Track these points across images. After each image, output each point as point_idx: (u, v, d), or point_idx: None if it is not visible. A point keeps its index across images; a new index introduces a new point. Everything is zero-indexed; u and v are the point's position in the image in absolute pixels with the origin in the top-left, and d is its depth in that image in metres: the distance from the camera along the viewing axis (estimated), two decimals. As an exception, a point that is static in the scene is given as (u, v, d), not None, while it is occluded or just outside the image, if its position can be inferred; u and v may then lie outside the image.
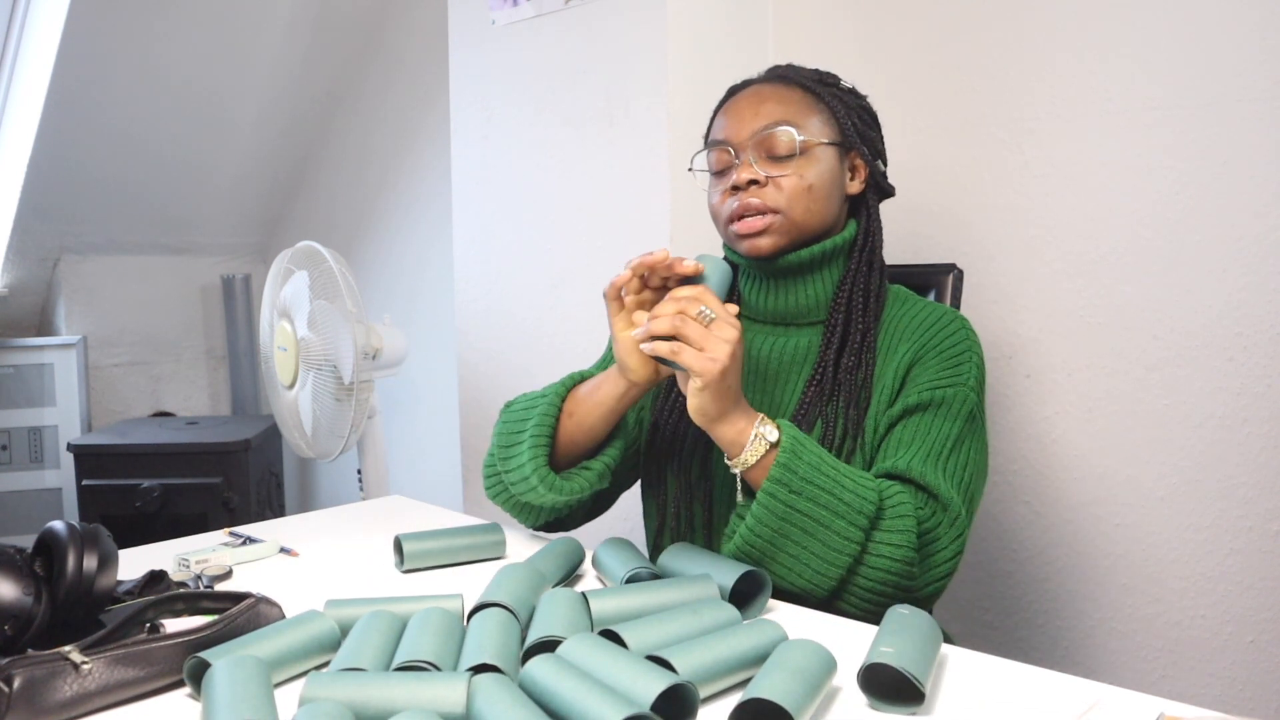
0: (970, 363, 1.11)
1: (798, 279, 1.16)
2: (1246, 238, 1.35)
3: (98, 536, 0.85)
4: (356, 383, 1.95)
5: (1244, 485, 1.37)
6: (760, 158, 1.13)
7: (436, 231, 2.68)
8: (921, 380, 1.10)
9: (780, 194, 1.12)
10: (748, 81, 1.22)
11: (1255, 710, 1.37)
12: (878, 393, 1.11)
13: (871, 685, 0.77)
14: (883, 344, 1.14)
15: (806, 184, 1.12)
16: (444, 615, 0.85)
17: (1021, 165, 1.55)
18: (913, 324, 1.14)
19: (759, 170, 1.13)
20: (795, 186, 1.12)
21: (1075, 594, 1.53)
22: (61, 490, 2.88)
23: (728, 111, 1.18)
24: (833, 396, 1.11)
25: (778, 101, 1.15)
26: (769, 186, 1.13)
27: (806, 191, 1.12)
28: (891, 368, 1.12)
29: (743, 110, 1.16)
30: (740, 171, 1.13)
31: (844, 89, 1.19)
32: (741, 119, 1.15)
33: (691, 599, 0.90)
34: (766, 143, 1.13)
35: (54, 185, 2.75)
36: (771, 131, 1.13)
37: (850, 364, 1.11)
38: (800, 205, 1.12)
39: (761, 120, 1.14)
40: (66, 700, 0.74)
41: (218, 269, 3.26)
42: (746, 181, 1.13)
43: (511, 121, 1.98)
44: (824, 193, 1.14)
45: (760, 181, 1.13)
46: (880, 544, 0.97)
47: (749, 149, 1.14)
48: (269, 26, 2.76)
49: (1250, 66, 1.33)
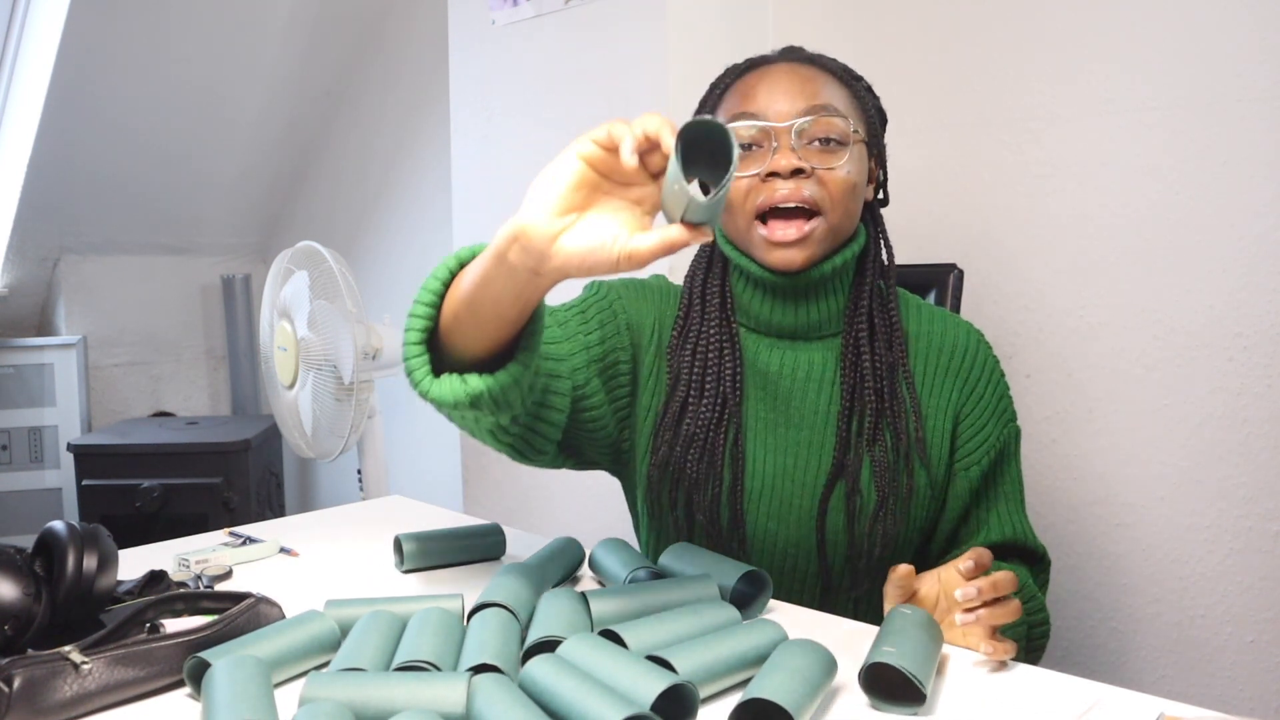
0: (1007, 393, 1.12)
1: (815, 293, 1.06)
2: (1246, 238, 1.35)
3: (98, 536, 0.85)
4: (356, 383, 1.95)
5: (1244, 485, 1.37)
6: (802, 144, 0.99)
7: (436, 231, 2.68)
8: (982, 435, 1.09)
9: (825, 191, 0.99)
10: (773, 58, 1.06)
11: (1255, 710, 1.37)
12: (928, 428, 1.07)
13: (873, 685, 0.77)
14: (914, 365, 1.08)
15: (853, 181, 1.00)
16: (444, 615, 0.85)
17: (1021, 165, 1.55)
18: (935, 346, 1.10)
19: (803, 158, 0.98)
20: (843, 182, 0.99)
21: (1075, 594, 1.53)
22: (61, 490, 2.88)
23: (759, 85, 1.02)
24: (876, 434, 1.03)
25: (826, 81, 1.01)
26: (813, 179, 0.98)
27: (851, 191, 1.00)
28: (937, 403, 1.08)
29: (781, 85, 1.00)
30: (779, 156, 0.97)
31: (867, 86, 1.09)
32: (785, 94, 0.99)
33: (691, 599, 0.90)
34: (817, 127, 0.98)
35: (54, 185, 2.75)
36: (825, 116, 0.98)
37: (886, 390, 1.04)
38: (842, 207, 1.00)
39: (810, 99, 0.98)
40: (66, 700, 0.74)
41: (218, 269, 3.26)
42: (791, 170, 0.97)
43: (511, 121, 1.98)
44: (859, 195, 1.03)
45: (806, 171, 0.98)
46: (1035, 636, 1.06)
47: (789, 132, 0.98)
48: (269, 26, 2.76)
49: (1250, 66, 1.33)
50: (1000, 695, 0.79)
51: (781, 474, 1.06)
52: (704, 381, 1.06)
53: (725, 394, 1.05)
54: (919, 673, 0.74)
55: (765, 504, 1.06)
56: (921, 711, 0.76)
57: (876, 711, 0.76)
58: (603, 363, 1.06)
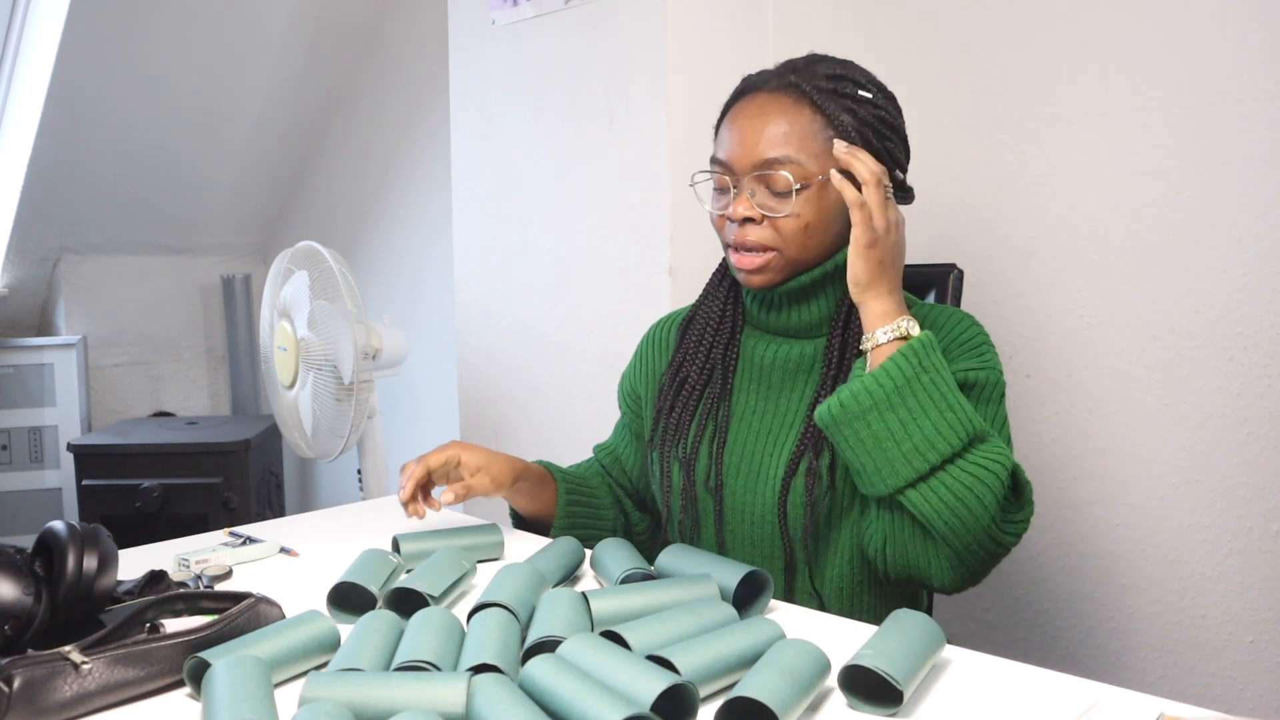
0: (990, 350, 1.12)
1: (801, 299, 1.15)
2: (1246, 238, 1.35)
3: (98, 536, 0.85)
4: (356, 383, 1.95)
5: (1244, 485, 1.37)
6: (759, 189, 1.10)
7: (436, 231, 2.68)
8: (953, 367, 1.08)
9: (775, 234, 1.10)
10: (759, 82, 1.14)
11: (1255, 710, 1.37)
12: None
13: (855, 687, 0.77)
14: None
15: (803, 224, 1.09)
16: (444, 615, 0.85)
17: (1021, 165, 1.55)
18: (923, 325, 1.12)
19: (755, 205, 1.10)
20: (792, 228, 1.09)
21: (1075, 594, 1.53)
22: (61, 490, 2.88)
23: (732, 123, 1.13)
24: None
25: (782, 126, 1.09)
26: (764, 224, 1.10)
27: (803, 230, 1.09)
28: None
29: (745, 131, 1.10)
30: (737, 205, 1.10)
31: (861, 99, 1.11)
32: (744, 142, 1.10)
33: (691, 599, 0.90)
34: (764, 181, 1.09)
35: (54, 185, 2.75)
36: (769, 172, 1.08)
37: None
38: (797, 244, 1.10)
39: (761, 151, 1.09)
40: (66, 700, 0.74)
41: (218, 269, 3.26)
42: (742, 219, 1.10)
43: (511, 121, 1.98)
44: (823, 227, 1.10)
45: (755, 220, 1.10)
46: (978, 455, 0.99)
47: (747, 178, 1.10)
48: (269, 27, 2.76)
49: (1250, 66, 1.33)
50: (1000, 695, 0.79)
51: (757, 450, 1.15)
52: (698, 351, 1.20)
53: (715, 364, 1.19)
54: (895, 671, 0.74)
55: (741, 476, 1.15)
56: (922, 711, 0.76)
57: (874, 713, 0.76)
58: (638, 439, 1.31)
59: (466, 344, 2.13)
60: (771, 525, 1.12)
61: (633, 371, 1.32)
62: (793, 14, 1.81)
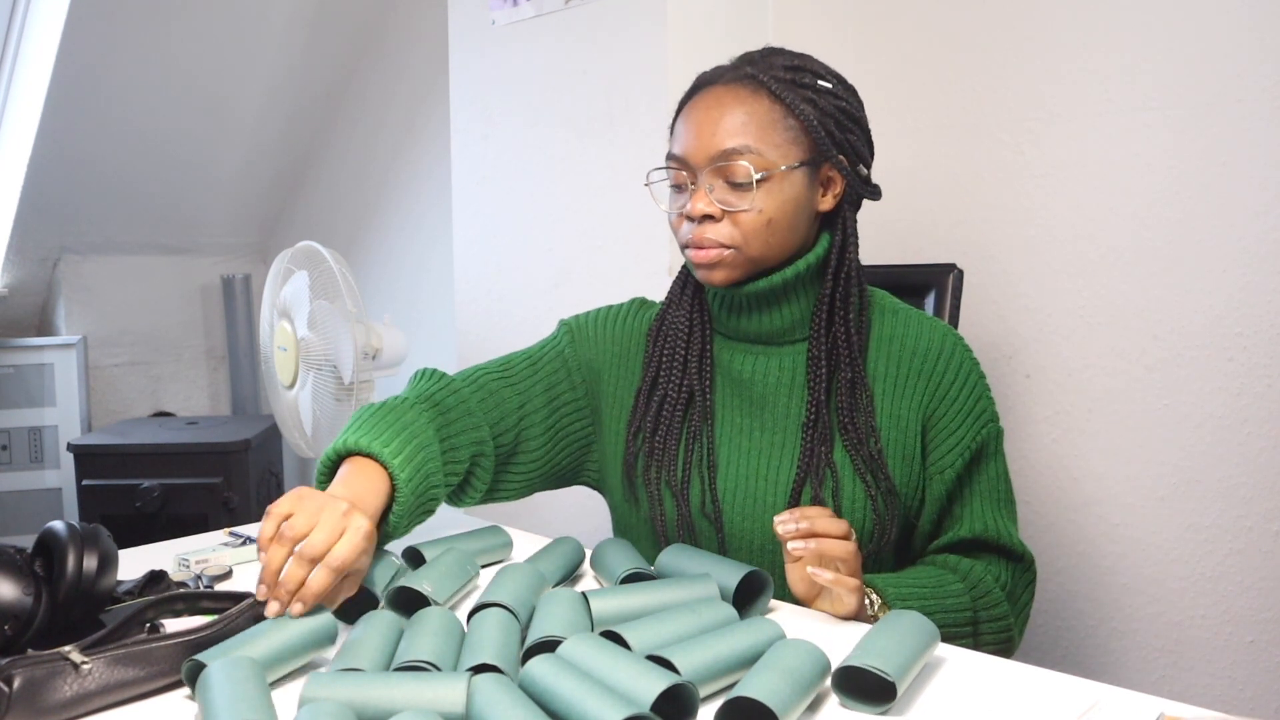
0: (984, 395, 1.12)
1: (768, 304, 1.10)
2: (1246, 238, 1.35)
3: (98, 536, 0.85)
4: (356, 383, 1.95)
5: (1244, 485, 1.37)
6: (717, 183, 1.05)
7: (436, 231, 2.68)
8: (955, 438, 1.09)
9: (736, 230, 1.05)
10: (715, 76, 1.10)
11: (1255, 710, 1.37)
12: (895, 432, 1.09)
13: (849, 687, 0.77)
14: (878, 369, 1.10)
15: (765, 219, 1.05)
16: (444, 615, 0.85)
17: (1021, 165, 1.55)
18: (907, 350, 1.10)
19: (714, 201, 1.05)
20: (753, 222, 1.04)
21: (1075, 594, 1.53)
22: (61, 490, 2.88)
23: (688, 117, 1.08)
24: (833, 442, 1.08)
25: (739, 116, 1.05)
26: (724, 221, 1.05)
27: (764, 226, 1.05)
28: (905, 406, 1.09)
29: (701, 124, 1.06)
30: (694, 201, 1.05)
31: (821, 89, 1.07)
32: (700, 134, 1.06)
33: (691, 599, 0.90)
34: (723, 171, 1.04)
35: (54, 184, 2.75)
36: (728, 164, 1.04)
37: (844, 404, 1.07)
38: (758, 240, 1.05)
39: (719, 142, 1.04)
40: (66, 700, 0.74)
41: (218, 269, 3.26)
42: (700, 216, 1.05)
43: (511, 122, 1.98)
44: (786, 223, 1.06)
45: (715, 216, 1.05)
46: (985, 633, 1.06)
47: (705, 173, 1.05)
48: (269, 26, 2.76)
49: (1250, 66, 1.33)
50: (1000, 695, 0.79)
51: (753, 475, 1.10)
52: (671, 367, 1.13)
53: (692, 383, 1.12)
54: (885, 665, 0.74)
55: (739, 504, 1.10)
56: (922, 711, 0.76)
57: (871, 711, 0.76)
58: (551, 405, 1.16)
59: (466, 344, 2.13)
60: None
61: (595, 341, 1.20)
62: (793, 14, 1.81)
